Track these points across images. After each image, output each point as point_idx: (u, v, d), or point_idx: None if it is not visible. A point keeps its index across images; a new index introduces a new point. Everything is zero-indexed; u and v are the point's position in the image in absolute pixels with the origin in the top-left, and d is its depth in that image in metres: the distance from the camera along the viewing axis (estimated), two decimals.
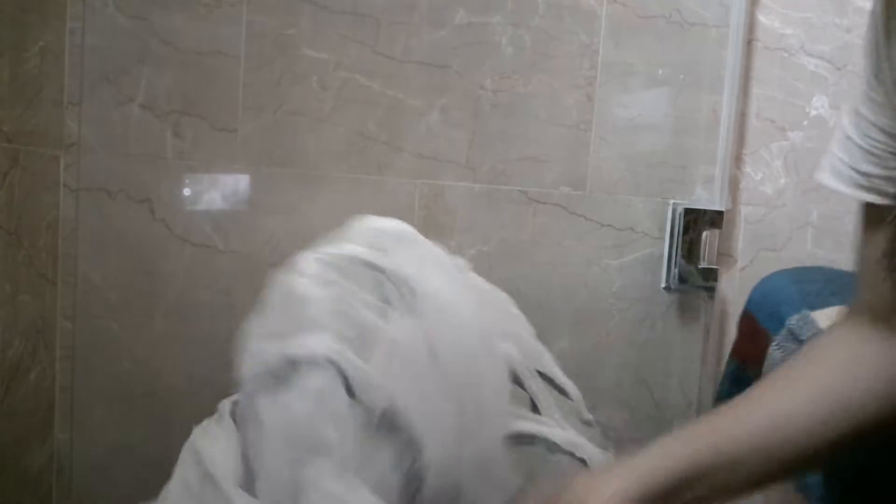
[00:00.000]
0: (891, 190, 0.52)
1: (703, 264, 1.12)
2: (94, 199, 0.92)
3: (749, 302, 0.78)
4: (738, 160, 1.16)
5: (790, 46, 1.16)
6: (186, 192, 0.96)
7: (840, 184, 0.54)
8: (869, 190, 0.53)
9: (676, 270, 1.11)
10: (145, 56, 0.92)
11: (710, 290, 1.14)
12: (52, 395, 0.93)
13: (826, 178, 0.55)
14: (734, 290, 1.18)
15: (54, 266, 0.91)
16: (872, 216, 0.54)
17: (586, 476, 0.53)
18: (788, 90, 1.17)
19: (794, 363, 0.56)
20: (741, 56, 1.12)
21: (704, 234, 1.11)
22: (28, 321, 0.85)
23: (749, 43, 1.14)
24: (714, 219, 1.12)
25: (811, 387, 0.53)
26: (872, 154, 0.52)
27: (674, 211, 1.11)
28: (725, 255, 1.17)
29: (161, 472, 0.54)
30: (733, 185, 1.16)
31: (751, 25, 1.14)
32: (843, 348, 0.55)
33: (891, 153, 0.52)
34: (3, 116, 0.76)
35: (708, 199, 1.13)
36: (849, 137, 0.54)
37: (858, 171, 0.53)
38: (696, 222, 1.11)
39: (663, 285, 1.13)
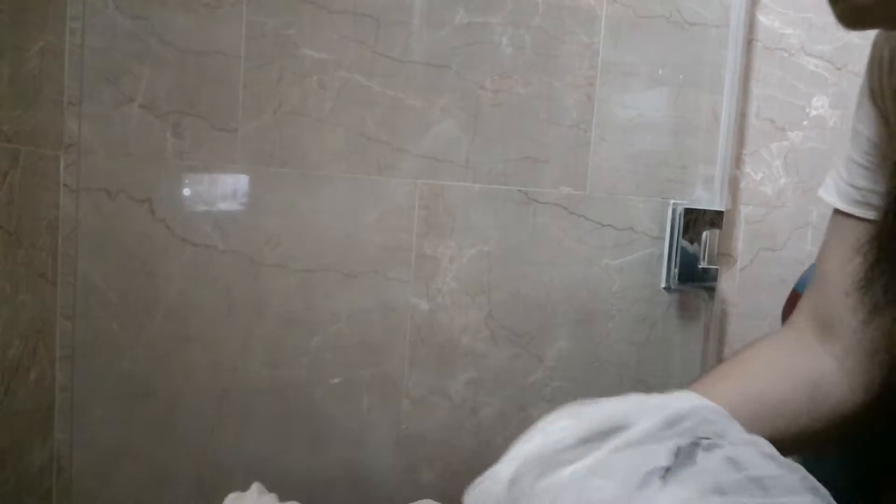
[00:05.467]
0: (876, 202, 0.53)
1: (703, 264, 1.12)
2: (94, 199, 0.92)
3: (799, 284, 0.81)
4: (737, 160, 1.16)
5: (790, 46, 1.16)
6: (186, 192, 0.96)
7: (839, 200, 0.57)
8: (860, 204, 0.55)
9: (676, 270, 1.11)
10: (145, 56, 0.92)
11: (710, 290, 1.15)
12: (52, 395, 0.93)
13: (824, 192, 0.59)
14: (734, 290, 1.18)
15: (54, 266, 0.91)
16: (849, 232, 0.56)
17: None
18: (788, 90, 1.17)
19: (733, 364, 0.58)
20: (741, 56, 1.12)
21: (704, 234, 1.11)
22: (28, 321, 0.85)
23: (749, 43, 1.14)
24: (714, 219, 1.12)
25: (746, 390, 0.54)
26: (865, 167, 0.55)
27: (674, 211, 1.11)
28: (725, 255, 1.17)
29: (161, 471, 0.54)
30: (733, 185, 1.16)
31: (751, 25, 1.14)
32: (786, 354, 0.57)
33: (877, 163, 0.53)
34: (3, 116, 0.76)
35: (708, 199, 1.13)
36: (850, 157, 0.56)
37: (854, 187, 0.55)
38: (696, 222, 1.11)
39: (663, 285, 1.13)
